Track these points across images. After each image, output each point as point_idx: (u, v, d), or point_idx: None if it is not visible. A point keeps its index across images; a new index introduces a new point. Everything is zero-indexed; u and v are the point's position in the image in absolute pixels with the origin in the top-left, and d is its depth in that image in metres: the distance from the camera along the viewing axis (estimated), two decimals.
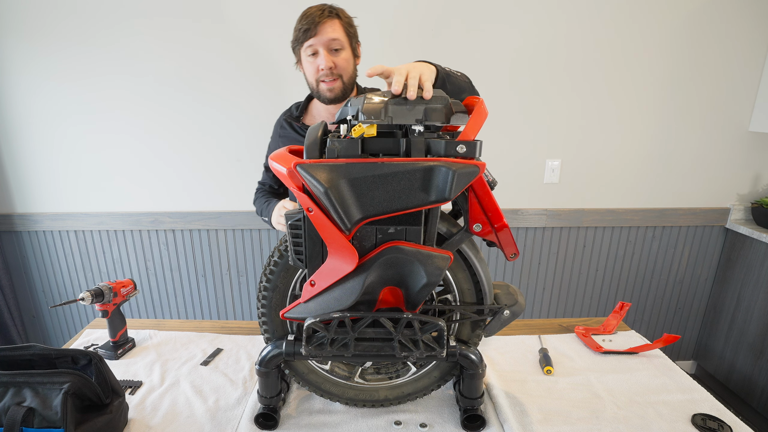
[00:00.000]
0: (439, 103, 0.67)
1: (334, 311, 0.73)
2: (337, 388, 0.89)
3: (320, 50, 1.12)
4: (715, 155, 2.01)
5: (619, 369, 1.04)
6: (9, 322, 2.03)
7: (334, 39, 1.12)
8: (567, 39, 1.82)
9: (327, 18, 1.11)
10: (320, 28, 1.10)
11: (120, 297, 1.10)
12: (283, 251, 0.80)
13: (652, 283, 2.18)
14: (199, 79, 1.82)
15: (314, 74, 1.15)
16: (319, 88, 1.17)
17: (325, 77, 1.14)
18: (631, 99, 1.91)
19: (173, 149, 1.91)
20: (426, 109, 0.66)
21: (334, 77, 1.14)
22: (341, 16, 1.15)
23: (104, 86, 1.82)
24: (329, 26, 1.11)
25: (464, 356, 0.81)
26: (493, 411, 0.90)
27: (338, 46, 1.13)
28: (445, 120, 0.67)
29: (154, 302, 2.13)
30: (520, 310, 0.83)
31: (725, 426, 0.85)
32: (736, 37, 1.85)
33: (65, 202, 1.98)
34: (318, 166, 0.65)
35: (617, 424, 0.86)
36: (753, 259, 1.96)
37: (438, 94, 0.68)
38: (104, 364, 0.82)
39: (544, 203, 2.04)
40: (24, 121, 1.86)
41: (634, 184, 2.03)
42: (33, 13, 1.73)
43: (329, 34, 1.11)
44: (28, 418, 0.72)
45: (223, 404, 0.92)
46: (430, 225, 0.72)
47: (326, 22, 1.11)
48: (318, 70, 1.14)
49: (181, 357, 1.09)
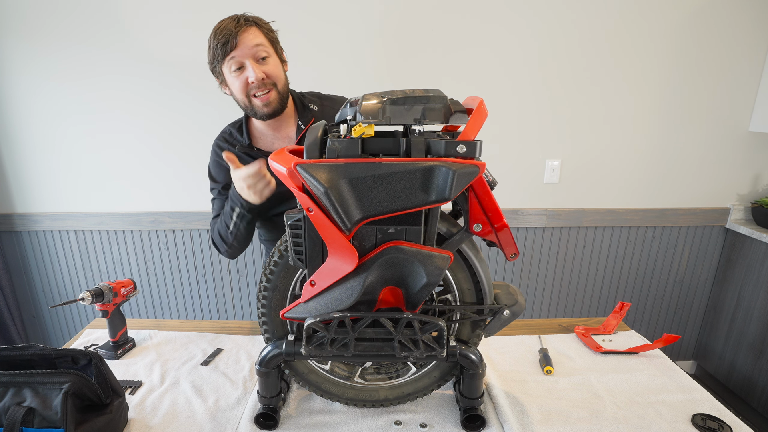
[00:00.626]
0: (437, 102, 0.67)
1: (334, 311, 0.73)
2: (337, 388, 0.89)
3: (246, 62, 1.03)
4: (715, 155, 2.01)
5: (619, 369, 1.03)
6: (9, 322, 2.03)
7: (258, 45, 1.03)
8: (567, 39, 1.82)
9: (245, 26, 1.02)
10: (240, 38, 1.01)
11: (120, 297, 1.10)
12: (283, 251, 0.80)
13: (652, 283, 2.18)
14: (198, 79, 1.82)
15: (243, 89, 1.06)
16: (253, 104, 1.08)
17: (257, 90, 1.05)
18: (631, 99, 1.91)
19: (173, 149, 1.91)
20: (424, 109, 0.66)
21: (267, 88, 1.06)
22: (259, 23, 1.06)
23: (104, 86, 1.82)
24: (250, 34, 1.02)
25: (464, 356, 0.81)
26: (493, 411, 0.90)
27: (264, 54, 1.05)
28: (443, 120, 0.67)
29: (154, 302, 2.13)
30: (520, 310, 0.83)
31: (725, 426, 0.85)
32: (736, 37, 1.85)
33: (65, 202, 1.98)
34: (318, 166, 0.65)
35: (617, 424, 0.86)
36: (753, 259, 1.96)
37: (436, 93, 0.68)
38: (104, 364, 0.82)
39: (544, 203, 2.04)
40: (24, 121, 1.86)
41: (634, 184, 2.03)
42: (33, 13, 1.73)
43: (252, 41, 1.02)
44: (28, 418, 0.72)
45: (223, 404, 0.92)
46: (430, 225, 0.72)
47: (245, 30, 1.02)
48: (247, 83, 1.04)
49: (181, 357, 1.09)
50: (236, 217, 1.08)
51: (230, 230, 1.12)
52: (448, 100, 0.68)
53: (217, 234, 1.18)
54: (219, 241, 1.18)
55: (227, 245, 1.17)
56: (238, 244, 1.17)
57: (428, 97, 0.67)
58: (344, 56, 1.82)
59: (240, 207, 1.06)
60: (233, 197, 1.06)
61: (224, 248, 1.19)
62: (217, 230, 1.17)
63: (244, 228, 1.12)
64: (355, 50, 1.81)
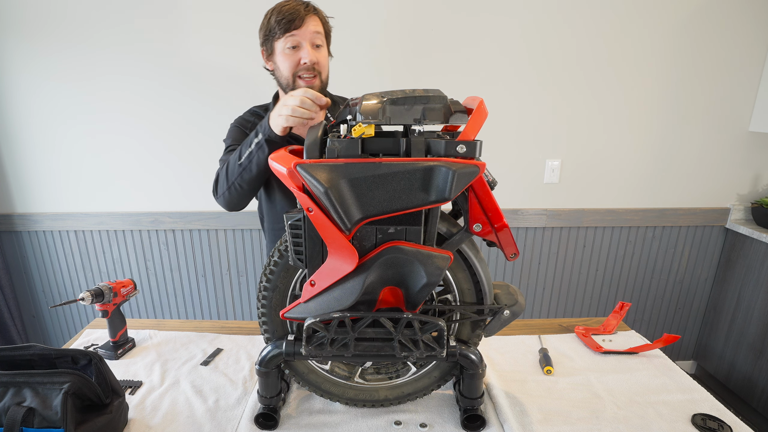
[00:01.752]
0: (437, 102, 0.67)
1: (334, 311, 0.73)
2: (337, 388, 0.89)
3: (303, 44, 1.07)
4: (715, 155, 2.01)
5: (619, 369, 1.03)
6: (9, 322, 2.03)
7: (318, 33, 1.08)
8: (567, 39, 1.82)
9: (312, 12, 1.09)
10: (306, 21, 1.06)
11: (120, 297, 1.10)
12: (283, 251, 0.80)
13: (652, 283, 2.18)
14: (198, 79, 1.82)
15: (293, 68, 1.09)
16: (297, 85, 1.11)
17: (305, 72, 1.08)
18: (631, 99, 1.91)
19: (173, 150, 1.91)
20: (424, 109, 0.66)
21: (314, 74, 1.10)
22: (320, 14, 1.12)
23: (104, 86, 1.82)
24: (313, 20, 1.08)
25: (464, 356, 0.81)
26: (493, 411, 0.90)
27: (320, 42, 1.10)
28: (443, 120, 0.67)
29: (154, 302, 2.13)
30: (520, 310, 0.83)
31: (725, 426, 0.85)
32: (736, 37, 1.85)
33: (65, 202, 1.98)
34: (318, 166, 0.65)
35: (617, 424, 0.86)
36: (753, 259, 1.96)
37: (436, 93, 0.68)
38: (104, 364, 0.82)
39: (544, 203, 2.04)
40: (24, 121, 1.86)
41: (634, 184, 2.03)
42: (33, 13, 1.73)
43: (314, 27, 1.08)
44: (28, 418, 0.72)
45: (223, 404, 0.92)
46: (430, 225, 0.72)
47: (311, 16, 1.08)
48: (298, 63, 1.08)
49: (181, 357, 1.09)
50: (254, 146, 1.02)
51: (241, 162, 1.04)
52: (448, 100, 0.68)
53: (224, 169, 1.10)
54: (223, 176, 1.10)
55: (228, 183, 1.08)
56: (239, 186, 1.07)
57: (428, 97, 0.67)
58: (345, 57, 1.81)
59: (263, 133, 1.00)
60: (263, 123, 1.01)
61: (224, 187, 1.10)
62: (226, 164, 1.10)
63: (254, 167, 1.03)
64: (355, 50, 1.81)
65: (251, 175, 1.05)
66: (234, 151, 1.08)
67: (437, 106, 0.67)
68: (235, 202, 1.12)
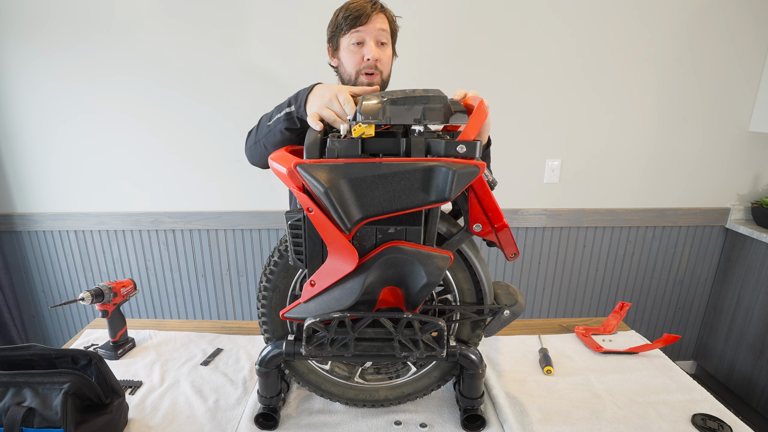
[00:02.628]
0: (437, 102, 0.67)
1: (334, 311, 0.73)
2: (337, 388, 0.89)
3: (368, 40, 1.07)
4: (715, 155, 2.01)
5: (619, 369, 1.04)
6: (9, 322, 2.03)
7: (383, 30, 1.08)
8: (567, 39, 1.82)
9: (379, 10, 1.08)
10: (372, 18, 1.06)
11: (120, 297, 1.10)
12: (283, 251, 0.80)
13: (652, 283, 2.18)
14: (198, 80, 1.82)
15: (357, 65, 1.08)
16: (359, 81, 1.10)
17: (368, 68, 1.08)
18: (631, 99, 1.91)
19: (173, 150, 1.91)
20: (424, 109, 0.66)
21: (375, 72, 1.09)
22: (388, 13, 1.12)
23: (104, 86, 1.82)
24: (379, 18, 1.08)
25: (464, 356, 0.81)
26: (493, 411, 0.90)
27: (385, 40, 1.09)
28: (443, 120, 0.67)
29: (154, 302, 2.13)
30: (520, 310, 0.83)
31: (725, 426, 0.85)
32: (736, 37, 1.85)
33: (65, 202, 1.98)
34: (318, 166, 0.65)
35: (617, 424, 0.86)
36: (753, 259, 1.96)
37: (436, 93, 0.68)
38: (104, 364, 0.82)
39: (544, 203, 2.04)
40: (24, 121, 1.86)
41: (634, 184, 2.03)
42: (33, 13, 1.73)
43: (379, 25, 1.07)
44: (28, 418, 0.72)
45: (223, 404, 0.92)
46: (430, 225, 0.72)
47: (378, 14, 1.08)
48: (362, 60, 1.08)
49: (181, 357, 1.09)
50: (284, 114, 0.98)
51: (270, 123, 1.02)
52: (448, 100, 0.68)
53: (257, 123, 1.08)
54: (254, 130, 1.09)
55: (256, 138, 1.07)
56: (264, 146, 1.05)
57: (428, 97, 0.67)
58: None
59: (296, 104, 0.94)
60: (300, 96, 0.95)
61: (252, 141, 1.09)
62: (260, 119, 1.08)
63: (278, 133, 0.99)
64: None
65: (275, 139, 1.02)
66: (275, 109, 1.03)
67: (437, 106, 0.67)
68: (257, 159, 1.11)
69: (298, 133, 0.96)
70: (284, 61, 1.80)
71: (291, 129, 0.96)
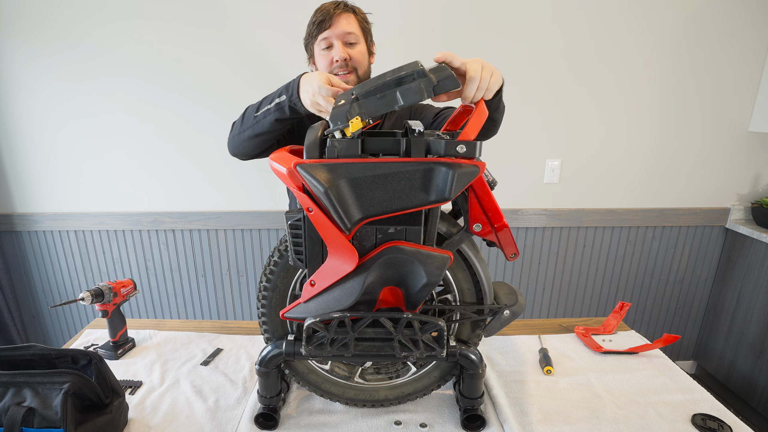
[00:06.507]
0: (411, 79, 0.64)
1: (334, 311, 0.73)
2: (337, 388, 0.89)
3: (335, 42, 1.09)
4: (715, 155, 2.01)
5: (619, 369, 1.03)
6: (9, 322, 2.03)
7: (349, 33, 1.09)
8: (567, 39, 1.82)
9: (342, 11, 1.10)
10: (335, 20, 1.08)
11: (120, 297, 1.10)
12: (283, 251, 0.80)
13: (652, 283, 2.18)
14: (198, 81, 1.82)
15: (327, 67, 1.11)
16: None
17: (339, 69, 1.10)
18: (631, 99, 1.91)
19: (173, 150, 1.91)
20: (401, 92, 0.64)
21: (348, 70, 1.11)
22: (356, 12, 1.13)
23: (105, 87, 1.82)
24: (344, 19, 1.09)
25: (464, 356, 0.81)
26: (493, 411, 0.90)
27: (353, 40, 1.11)
28: (428, 95, 0.65)
29: (154, 302, 2.13)
30: (520, 310, 0.83)
31: (725, 426, 0.85)
32: (736, 37, 1.85)
33: (65, 202, 1.98)
34: (318, 166, 0.65)
35: (617, 424, 0.86)
36: (753, 259, 1.96)
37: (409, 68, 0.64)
38: (104, 364, 0.82)
39: (544, 203, 2.04)
40: (24, 121, 1.86)
41: (634, 184, 2.03)
42: (33, 13, 1.73)
43: (344, 27, 1.09)
44: (28, 418, 0.72)
45: (223, 404, 0.92)
46: (430, 225, 0.72)
47: (341, 15, 1.09)
48: (332, 62, 1.10)
49: (181, 357, 1.09)
50: (274, 105, 0.97)
51: (258, 114, 1.00)
52: (426, 71, 0.65)
53: (243, 114, 1.07)
54: (239, 120, 1.08)
55: (240, 130, 1.06)
56: (248, 137, 1.04)
57: (399, 77, 0.63)
58: None
59: (287, 94, 0.94)
60: (291, 86, 0.94)
61: (236, 131, 1.07)
62: (248, 108, 1.06)
63: (267, 124, 0.99)
64: None
65: (262, 129, 1.00)
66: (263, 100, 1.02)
67: (412, 85, 0.64)
68: (240, 150, 1.09)
69: (286, 123, 0.98)
70: (285, 62, 1.80)
71: (280, 120, 0.97)
